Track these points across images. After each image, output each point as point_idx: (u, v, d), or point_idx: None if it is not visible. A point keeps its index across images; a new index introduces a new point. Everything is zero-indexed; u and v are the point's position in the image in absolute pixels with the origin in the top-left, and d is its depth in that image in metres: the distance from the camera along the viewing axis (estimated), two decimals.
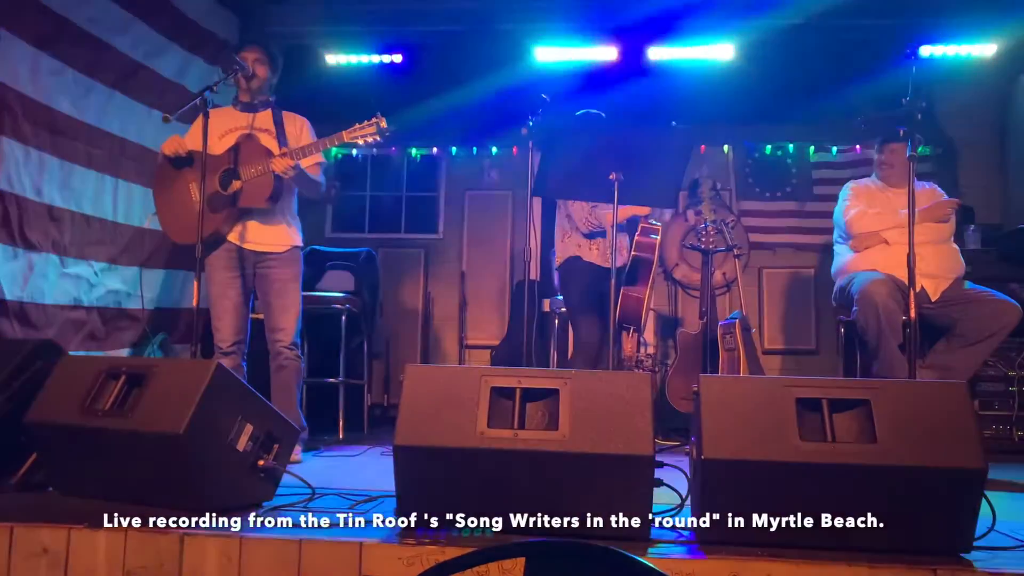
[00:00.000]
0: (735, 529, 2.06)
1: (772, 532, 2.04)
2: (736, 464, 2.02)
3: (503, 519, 2.07)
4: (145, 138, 4.49)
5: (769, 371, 5.39)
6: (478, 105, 5.88)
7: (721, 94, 5.74)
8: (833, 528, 2.01)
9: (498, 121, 6.04)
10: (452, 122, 6.25)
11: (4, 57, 3.58)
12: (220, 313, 3.59)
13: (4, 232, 3.62)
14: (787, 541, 2.02)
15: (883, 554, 1.96)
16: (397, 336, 6.42)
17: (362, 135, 3.45)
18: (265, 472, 2.44)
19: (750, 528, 2.05)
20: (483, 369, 2.20)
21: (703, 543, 2.07)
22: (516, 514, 2.08)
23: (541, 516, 2.08)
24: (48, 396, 2.48)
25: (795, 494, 2.03)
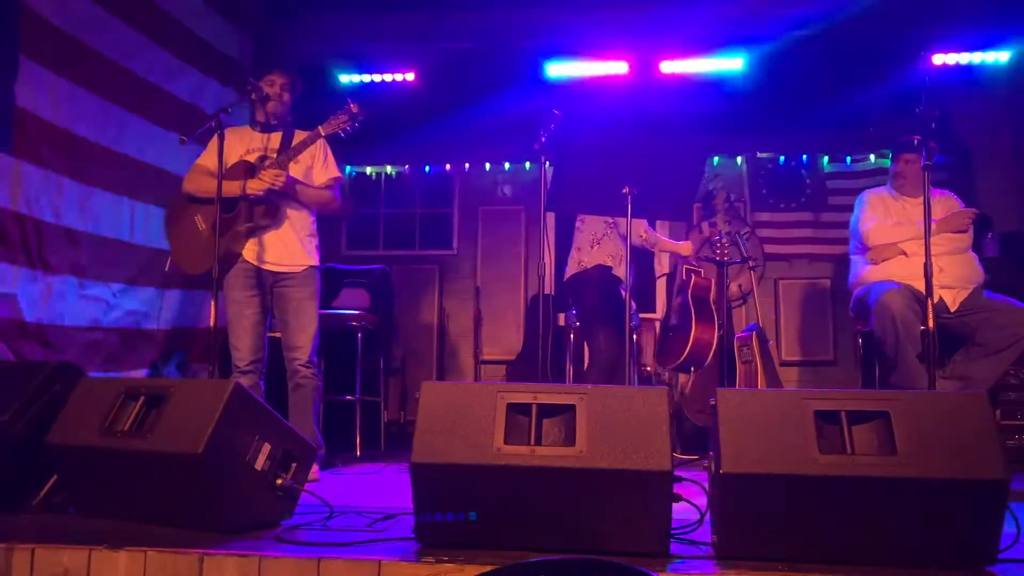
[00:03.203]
0: (755, 544, 2.04)
1: (792, 546, 2.02)
2: (755, 478, 2.00)
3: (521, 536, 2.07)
4: (162, 160, 4.54)
5: (787, 383, 5.36)
6: (490, 121, 5.91)
7: (733, 106, 5.75)
8: (854, 542, 1.99)
9: (510, 137, 6.06)
10: (465, 139, 6.29)
11: (24, 83, 3.64)
12: (238, 332, 3.61)
13: (23, 255, 3.66)
14: (808, 555, 2.00)
15: (905, 567, 1.94)
16: (413, 352, 6.43)
17: (339, 126, 3.54)
18: (283, 491, 2.44)
19: (770, 542, 2.03)
20: (499, 385, 2.19)
21: (723, 558, 2.06)
22: (534, 531, 2.07)
23: (559, 532, 2.07)
24: (68, 418, 2.49)
25: (815, 507, 2.01)
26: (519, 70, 5.76)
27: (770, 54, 5.58)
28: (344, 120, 3.52)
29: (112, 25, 4.20)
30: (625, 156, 3.39)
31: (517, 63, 5.75)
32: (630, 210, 3.33)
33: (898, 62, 5.38)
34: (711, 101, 5.73)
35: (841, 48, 5.54)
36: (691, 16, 5.45)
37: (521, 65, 5.75)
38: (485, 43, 5.74)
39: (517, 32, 5.70)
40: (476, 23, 5.72)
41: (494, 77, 5.76)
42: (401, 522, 2.44)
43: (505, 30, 5.70)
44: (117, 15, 4.22)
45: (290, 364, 3.66)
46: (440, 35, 5.78)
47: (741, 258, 4.78)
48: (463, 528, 2.10)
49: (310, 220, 3.76)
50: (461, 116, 5.89)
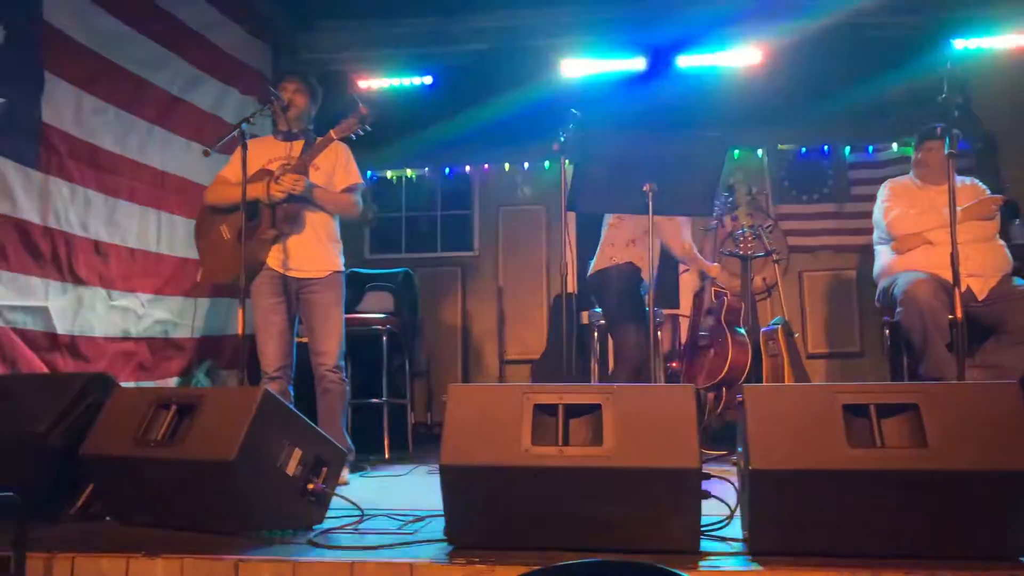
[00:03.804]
0: (786, 539, 2.04)
1: (824, 541, 2.02)
2: (785, 474, 2.00)
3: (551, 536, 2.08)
4: (185, 170, 4.59)
5: (814, 375, 5.32)
6: (508, 121, 5.91)
7: (752, 98, 5.70)
8: (885, 535, 1.99)
9: (529, 136, 6.06)
10: (483, 140, 6.29)
11: (49, 99, 3.70)
12: (265, 339, 3.65)
13: (54, 268, 3.72)
14: (839, 549, 1.99)
15: (938, 560, 1.93)
16: (437, 354, 6.45)
17: (349, 129, 3.57)
18: (315, 495, 2.47)
19: (802, 538, 2.03)
20: (525, 386, 2.21)
21: (755, 554, 2.06)
22: (564, 530, 2.08)
23: (589, 532, 2.08)
24: (102, 428, 2.54)
25: (846, 501, 2.00)
26: (535, 69, 5.75)
27: (788, 45, 5.52)
28: (354, 123, 3.56)
29: (134, 39, 4.25)
30: (644, 153, 3.38)
31: (533, 62, 5.74)
32: (651, 207, 3.32)
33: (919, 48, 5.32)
34: (729, 94, 5.69)
35: (860, 36, 5.48)
36: (708, 9, 5.43)
37: (537, 64, 5.74)
38: (501, 44, 5.75)
39: (533, 32, 5.70)
40: (491, 24, 5.73)
41: (511, 77, 5.76)
42: (431, 524, 2.46)
43: (521, 30, 5.71)
44: (138, 29, 4.27)
45: (317, 369, 3.69)
46: (456, 38, 5.80)
47: (765, 251, 4.76)
48: (494, 529, 2.11)
49: (333, 226, 3.79)
50: (479, 117, 5.90)
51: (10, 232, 3.47)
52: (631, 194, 3.34)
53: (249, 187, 3.45)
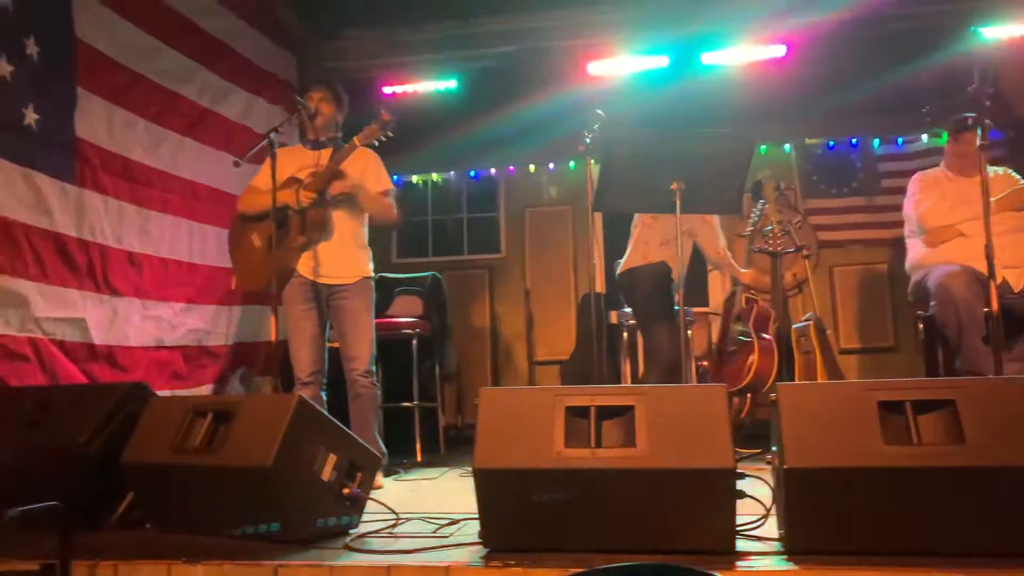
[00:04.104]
0: (823, 538, 2.03)
1: (861, 539, 2.00)
2: (820, 472, 1.99)
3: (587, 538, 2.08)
4: (215, 180, 4.66)
5: (847, 371, 5.26)
6: (533, 123, 5.92)
7: (778, 93, 5.66)
8: (923, 533, 1.97)
9: (554, 137, 6.07)
10: (508, 142, 6.31)
11: (83, 114, 3.77)
12: (297, 345, 3.69)
13: (90, 280, 3.79)
14: (877, 548, 1.98)
15: (976, 558, 1.91)
16: (467, 357, 6.48)
17: (373, 135, 3.59)
18: (350, 500, 2.49)
19: (838, 536, 2.02)
20: (557, 389, 2.21)
21: (790, 553, 2.05)
22: (599, 532, 2.09)
23: (624, 533, 2.08)
24: (141, 437, 2.58)
25: (882, 499, 1.99)
26: (559, 70, 5.75)
27: (812, 38, 5.47)
28: (376, 129, 3.58)
29: (162, 52, 4.31)
30: (671, 151, 3.37)
31: (557, 63, 5.75)
32: (679, 206, 3.31)
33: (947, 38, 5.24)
34: (755, 90, 5.65)
35: (886, 27, 5.42)
36: (730, 5, 5.40)
37: (561, 65, 5.74)
38: (524, 46, 5.76)
39: (556, 33, 5.70)
40: (514, 27, 5.74)
41: (535, 79, 5.76)
42: (466, 526, 2.47)
43: (544, 31, 5.71)
44: (166, 42, 4.33)
45: (349, 374, 3.72)
46: (479, 41, 5.81)
47: (794, 247, 4.72)
48: (528, 532, 2.12)
49: (362, 232, 3.83)
50: (503, 120, 5.92)
51: (48, 246, 3.54)
52: (658, 193, 3.33)
53: (279, 195, 3.49)
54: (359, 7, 5.62)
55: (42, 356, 3.45)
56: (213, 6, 4.72)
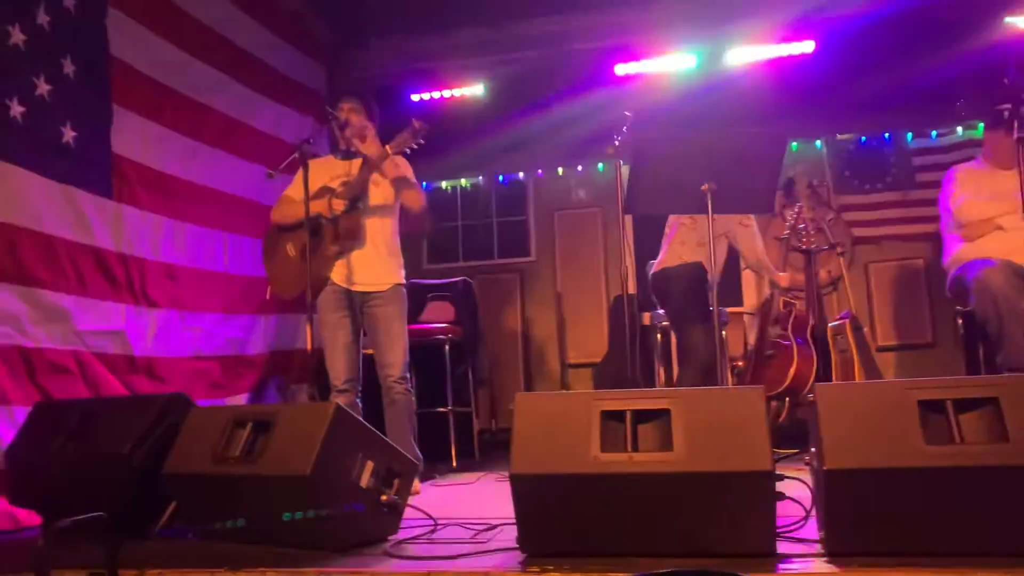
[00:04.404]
0: (865, 539, 2.01)
1: (903, 540, 1.98)
2: (860, 473, 1.97)
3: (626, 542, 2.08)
4: (249, 191, 4.72)
5: (884, 369, 5.20)
6: (561, 126, 5.93)
7: (808, 88, 5.62)
8: (967, 533, 1.94)
9: (582, 140, 6.08)
10: (536, 145, 6.33)
11: (118, 130, 3.84)
12: (332, 353, 3.73)
13: (129, 293, 3.86)
14: (920, 549, 1.95)
15: (1021, 558, 1.87)
16: (499, 361, 6.49)
17: (404, 143, 3.61)
18: (389, 506, 2.51)
19: (880, 537, 1.99)
20: (592, 393, 2.22)
21: (832, 555, 2.03)
22: (638, 536, 2.08)
23: (663, 537, 2.07)
24: (182, 447, 2.62)
25: (924, 500, 1.96)
26: (586, 73, 5.75)
27: (842, 32, 5.41)
28: (407, 138, 3.60)
29: (194, 66, 4.38)
30: (701, 152, 3.35)
31: (583, 66, 5.75)
32: (711, 206, 3.29)
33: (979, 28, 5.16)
34: (784, 86, 5.61)
35: (917, 18, 5.34)
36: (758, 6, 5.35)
37: (587, 68, 5.74)
38: (551, 49, 5.76)
39: (582, 35, 5.70)
40: (541, 31, 5.75)
41: (561, 82, 5.77)
42: (503, 532, 2.48)
43: (570, 35, 5.71)
44: (198, 56, 4.40)
45: (384, 381, 3.75)
46: (506, 46, 5.83)
47: (828, 245, 4.68)
48: (567, 537, 2.12)
49: (394, 239, 3.86)
50: (531, 123, 5.94)
51: (89, 260, 3.61)
52: (689, 194, 3.32)
53: (312, 205, 3.53)
54: (387, 15, 5.66)
55: (84, 369, 3.53)
56: (243, 20, 4.79)
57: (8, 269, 3.21)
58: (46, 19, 3.45)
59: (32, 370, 3.29)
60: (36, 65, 3.41)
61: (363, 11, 5.62)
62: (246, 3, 4.81)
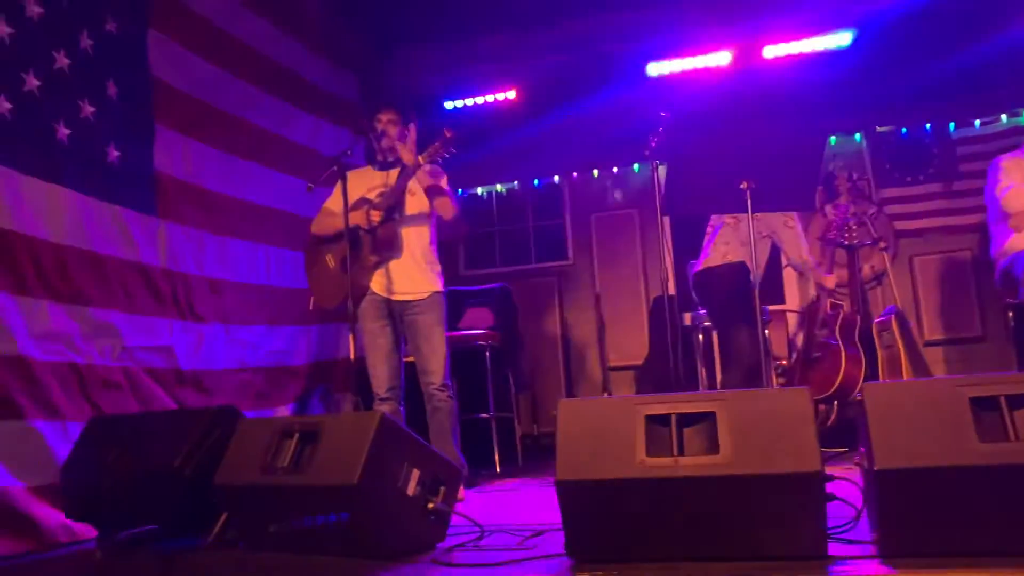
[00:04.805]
0: (918, 540, 1.97)
1: (958, 540, 1.94)
2: (912, 473, 1.93)
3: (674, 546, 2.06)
4: (287, 204, 4.77)
5: (932, 364, 5.10)
6: (595, 128, 5.93)
7: (845, 81, 5.54)
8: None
9: (616, 141, 6.06)
10: (571, 148, 6.33)
11: (160, 148, 3.92)
12: (374, 362, 3.76)
13: (175, 308, 3.93)
14: (976, 548, 1.91)
15: None
16: (539, 365, 6.49)
17: (436, 152, 3.62)
18: (435, 514, 2.52)
19: (935, 537, 1.96)
20: (636, 398, 2.20)
21: (886, 556, 1.99)
22: (686, 540, 2.07)
23: (712, 540, 2.06)
24: (232, 459, 2.66)
25: (978, 498, 1.92)
26: (619, 74, 5.74)
27: (879, 23, 5.33)
28: (439, 147, 3.62)
29: (231, 83, 4.45)
30: (739, 149, 3.33)
31: (617, 67, 5.73)
32: (750, 205, 3.26)
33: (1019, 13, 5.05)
34: (820, 80, 5.54)
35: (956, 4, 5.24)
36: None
37: (621, 68, 5.72)
38: (584, 51, 5.75)
39: (614, 36, 5.68)
40: (572, 33, 5.74)
41: (595, 83, 5.76)
42: (550, 538, 2.48)
43: (602, 36, 5.70)
44: (234, 72, 4.47)
45: (426, 388, 3.77)
46: (537, 50, 5.83)
47: (871, 239, 4.61)
48: (614, 542, 2.11)
49: (431, 248, 3.88)
50: (565, 126, 5.94)
51: (135, 277, 3.69)
52: (728, 193, 3.29)
53: (350, 216, 3.57)
54: (417, 24, 5.70)
55: (134, 383, 3.60)
56: (278, 35, 4.86)
57: (59, 288, 3.29)
58: (89, 43, 3.53)
59: (84, 386, 3.36)
60: (81, 88, 3.49)
61: (394, 21, 5.67)
62: (280, 18, 4.88)
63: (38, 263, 3.22)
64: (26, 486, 2.96)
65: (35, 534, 2.93)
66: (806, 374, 4.48)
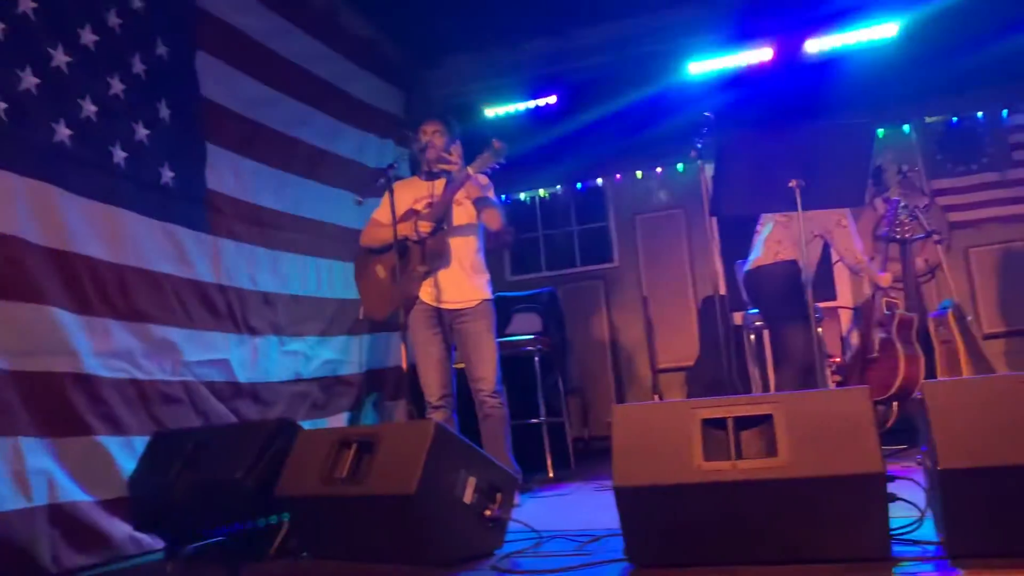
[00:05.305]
0: (987, 540, 1.93)
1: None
2: (977, 472, 1.90)
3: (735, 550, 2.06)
4: (336, 217, 4.85)
5: (993, 358, 4.97)
6: (637, 129, 5.90)
7: (891, 72, 5.43)
8: None
9: (659, 141, 6.04)
10: (613, 150, 6.31)
11: (212, 167, 4.01)
12: (425, 370, 3.80)
13: (230, 322, 4.01)
14: None
15: None
16: (588, 369, 6.48)
17: (485, 163, 3.65)
18: (493, 521, 2.54)
19: (1005, 537, 1.92)
20: (691, 402, 2.20)
21: (953, 557, 1.96)
22: (746, 544, 2.06)
23: (772, 543, 2.04)
24: (292, 470, 2.71)
25: None
26: (660, 74, 5.70)
27: (924, 10, 5.22)
28: (489, 158, 3.64)
29: (279, 100, 4.54)
30: (786, 148, 3.29)
31: (657, 67, 5.70)
32: (800, 203, 3.22)
33: None
34: (865, 72, 5.43)
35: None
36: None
37: (661, 68, 5.69)
38: (623, 53, 5.73)
39: (653, 37, 5.65)
40: (612, 35, 5.73)
41: (635, 84, 5.74)
42: (608, 543, 2.48)
43: (641, 37, 5.67)
44: (283, 91, 4.56)
45: (477, 396, 3.80)
46: (577, 54, 5.83)
47: (924, 232, 4.52)
48: (674, 547, 2.11)
49: (479, 256, 3.90)
50: (606, 129, 5.92)
51: (191, 294, 3.78)
52: (777, 192, 3.25)
53: (399, 227, 3.62)
54: (457, 35, 5.74)
55: (194, 398, 3.68)
56: (324, 52, 4.94)
57: (120, 307, 3.38)
58: (142, 67, 3.63)
59: (146, 401, 3.45)
60: (135, 112, 3.59)
61: (434, 33, 5.72)
62: (325, 35, 4.96)
63: (100, 283, 3.31)
64: (96, 500, 3.05)
65: (105, 546, 3.02)
66: (864, 375, 4.40)
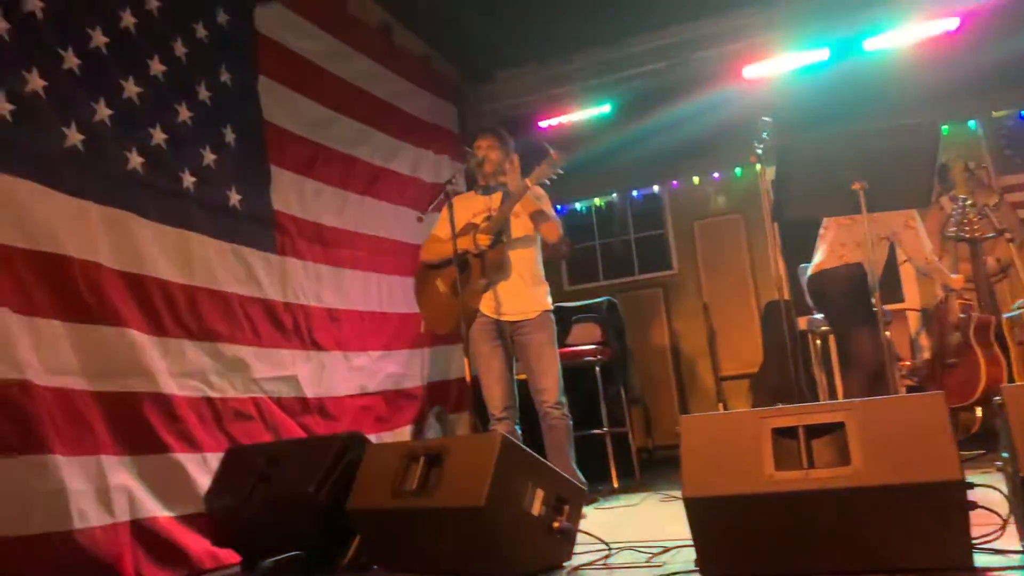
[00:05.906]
0: None
1: None
2: None
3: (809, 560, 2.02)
4: (395, 233, 4.94)
5: None
6: (692, 135, 5.85)
7: (954, 68, 5.28)
8: None
9: (715, 146, 6.00)
10: (669, 157, 6.28)
11: (277, 189, 4.12)
12: (488, 383, 3.83)
13: (298, 339, 4.11)
14: None
15: None
16: (650, 378, 6.43)
17: (543, 174, 3.65)
18: (561, 533, 2.55)
19: None
20: (760, 411, 2.18)
21: None
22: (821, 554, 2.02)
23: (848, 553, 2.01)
24: (362, 484, 2.76)
25: None
26: (714, 78, 5.65)
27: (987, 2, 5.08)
28: (546, 169, 3.66)
29: (339, 121, 4.64)
30: (848, 150, 3.23)
31: (711, 72, 5.65)
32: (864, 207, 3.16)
33: None
34: (926, 68, 5.31)
35: None
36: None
37: (716, 73, 5.64)
38: (677, 59, 5.71)
39: (707, 42, 5.62)
40: (664, 41, 5.71)
41: (688, 91, 5.70)
42: (679, 554, 2.46)
43: (694, 42, 5.64)
44: (341, 111, 4.66)
45: (540, 407, 3.81)
46: (630, 62, 5.83)
47: (995, 231, 4.39)
48: (747, 558, 2.09)
49: (538, 268, 3.93)
50: (661, 135, 5.89)
51: (260, 312, 3.88)
52: (840, 195, 3.19)
53: (458, 241, 3.67)
54: (509, 49, 5.79)
55: (264, 414, 3.78)
56: (380, 72, 5.04)
57: (193, 327, 3.49)
58: (207, 94, 3.76)
59: (219, 418, 3.55)
60: (202, 137, 3.71)
61: (486, 48, 5.78)
62: (380, 55, 5.06)
63: (173, 304, 3.43)
64: (174, 516, 3.15)
65: (184, 561, 3.11)
66: (943, 380, 4.29)
